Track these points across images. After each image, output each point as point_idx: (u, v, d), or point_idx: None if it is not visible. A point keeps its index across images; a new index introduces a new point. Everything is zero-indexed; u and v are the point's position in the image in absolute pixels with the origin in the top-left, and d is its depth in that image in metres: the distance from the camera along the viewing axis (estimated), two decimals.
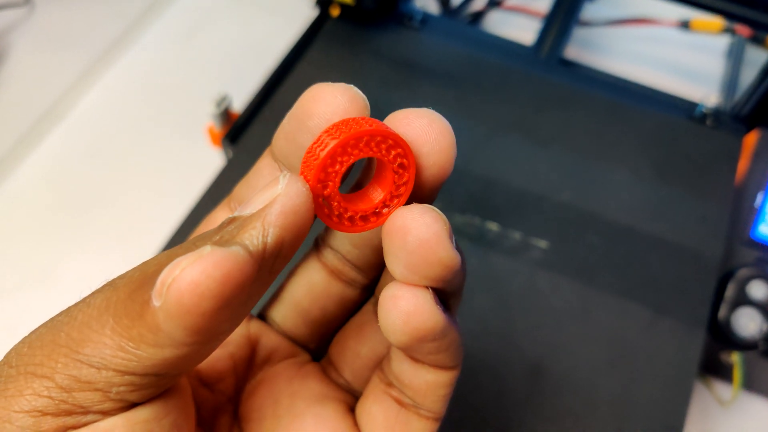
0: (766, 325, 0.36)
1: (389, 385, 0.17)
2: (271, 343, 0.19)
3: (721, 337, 0.36)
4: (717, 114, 0.41)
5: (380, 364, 0.18)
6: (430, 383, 0.16)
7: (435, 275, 0.14)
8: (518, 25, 0.54)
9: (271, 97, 0.42)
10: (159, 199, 0.45)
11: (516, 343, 0.33)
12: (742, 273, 0.36)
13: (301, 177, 0.14)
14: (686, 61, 0.53)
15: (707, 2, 0.40)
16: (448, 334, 0.15)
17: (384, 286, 0.17)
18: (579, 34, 0.54)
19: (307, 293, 0.19)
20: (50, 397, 0.12)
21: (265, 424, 0.18)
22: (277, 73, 0.43)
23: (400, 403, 0.17)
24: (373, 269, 0.18)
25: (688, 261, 0.36)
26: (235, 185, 0.18)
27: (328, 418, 0.18)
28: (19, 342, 0.14)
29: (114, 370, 0.12)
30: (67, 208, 0.45)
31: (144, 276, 0.13)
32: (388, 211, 0.15)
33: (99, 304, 0.13)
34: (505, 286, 0.35)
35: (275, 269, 0.13)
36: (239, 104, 0.42)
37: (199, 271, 0.11)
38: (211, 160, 0.45)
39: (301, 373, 0.19)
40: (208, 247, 0.12)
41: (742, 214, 0.38)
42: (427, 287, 0.14)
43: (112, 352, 0.12)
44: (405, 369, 0.16)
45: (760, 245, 0.38)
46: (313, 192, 0.14)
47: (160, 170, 0.47)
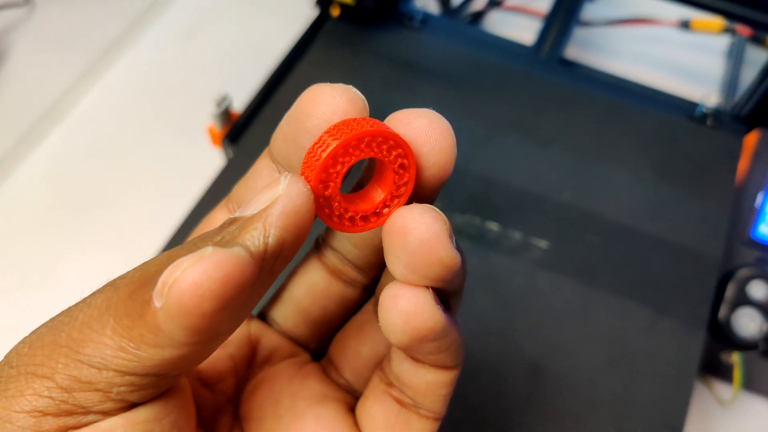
0: (766, 325, 0.36)
1: (389, 384, 0.17)
2: (271, 343, 0.19)
3: (721, 337, 0.36)
4: (717, 114, 0.41)
5: (381, 364, 0.18)
6: (430, 383, 0.16)
7: (435, 275, 0.14)
8: (518, 25, 0.54)
9: (272, 97, 0.42)
10: (159, 199, 0.45)
11: (516, 343, 0.33)
12: (743, 273, 0.36)
13: (302, 177, 0.14)
14: (686, 61, 0.53)
15: (707, 2, 0.40)
16: (448, 333, 0.15)
17: (384, 285, 0.17)
18: (579, 34, 0.54)
19: (308, 293, 0.19)
20: (51, 398, 0.12)
21: (266, 424, 0.18)
22: (278, 73, 0.43)
23: (400, 403, 0.17)
24: (374, 269, 0.18)
25: (689, 261, 0.36)
26: (235, 185, 0.18)
27: (329, 418, 0.18)
28: (20, 342, 0.14)
29: (114, 371, 0.12)
30: (67, 208, 0.45)
31: (145, 276, 0.13)
32: (389, 212, 0.15)
33: (100, 305, 0.13)
34: (506, 286, 0.35)
35: (276, 270, 0.13)
36: (239, 104, 0.42)
37: (200, 271, 0.11)
38: (212, 160, 0.45)
39: (302, 373, 0.19)
40: (209, 248, 0.12)
41: (743, 214, 0.38)
42: (427, 287, 0.14)
43: (113, 353, 0.12)
44: (405, 369, 0.16)
45: (760, 245, 0.38)
46: (314, 192, 0.14)
47: (161, 170, 0.47)
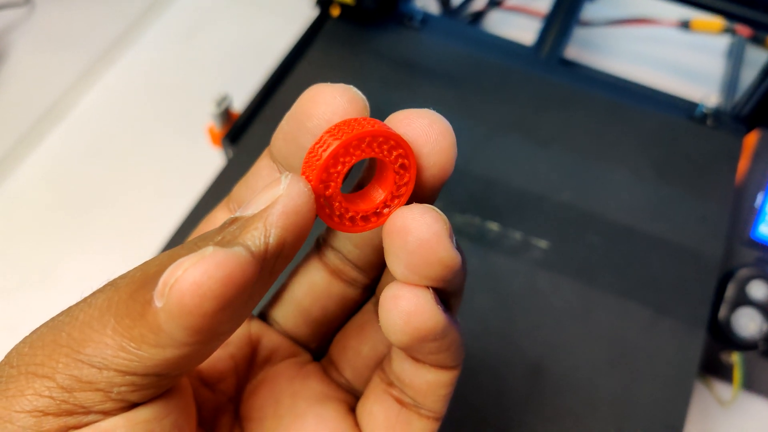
0: (766, 325, 0.36)
1: (390, 384, 0.17)
2: (272, 343, 0.19)
3: (721, 337, 0.36)
4: (717, 114, 0.41)
5: (381, 364, 0.18)
6: (430, 383, 0.16)
7: (435, 275, 0.14)
8: (518, 25, 0.54)
9: (272, 96, 0.42)
10: (159, 198, 0.45)
11: (516, 342, 0.33)
12: (743, 273, 0.36)
13: (303, 177, 0.14)
14: (686, 61, 0.53)
15: (707, 2, 0.40)
16: (448, 333, 0.15)
17: (385, 285, 0.17)
18: (579, 34, 0.54)
19: (308, 293, 0.19)
20: (51, 397, 0.12)
21: (266, 424, 0.18)
22: (278, 72, 0.43)
23: (400, 403, 0.17)
24: (374, 269, 0.18)
25: (689, 261, 0.36)
26: (235, 185, 0.18)
27: (330, 418, 0.18)
28: (20, 342, 0.14)
29: (115, 370, 0.12)
30: (67, 208, 0.45)
31: (145, 276, 0.13)
32: (389, 212, 0.15)
33: (100, 304, 0.13)
34: (506, 286, 0.35)
35: (277, 270, 0.13)
36: (239, 104, 0.42)
37: (201, 272, 0.11)
38: (212, 160, 0.45)
39: (302, 372, 0.19)
40: (210, 248, 0.12)
41: (743, 214, 0.38)
42: (427, 287, 0.14)
43: (114, 352, 0.12)
44: (406, 369, 0.16)
45: (760, 245, 0.38)
46: (314, 192, 0.14)
47: (161, 170, 0.47)
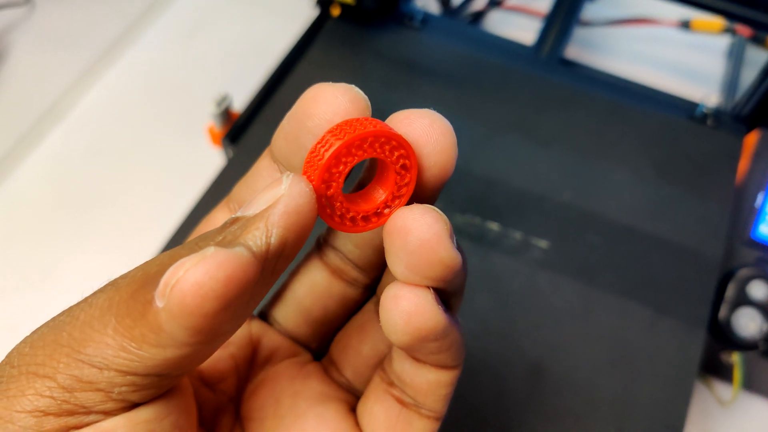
0: (767, 325, 0.36)
1: (390, 384, 0.17)
2: (272, 342, 0.19)
3: (722, 337, 0.36)
4: (717, 114, 0.41)
5: (381, 364, 0.18)
6: (431, 383, 0.16)
7: (436, 275, 0.14)
8: (519, 25, 0.54)
9: (272, 96, 0.42)
10: (159, 198, 0.45)
11: (516, 342, 0.33)
12: (743, 273, 0.36)
13: (305, 177, 0.14)
14: (687, 61, 0.53)
15: (707, 2, 0.40)
16: (449, 333, 0.15)
17: (385, 285, 0.17)
18: (579, 34, 0.54)
19: (309, 293, 0.19)
20: (52, 397, 0.12)
21: (267, 424, 0.18)
22: (278, 72, 0.43)
23: (401, 403, 0.17)
24: (375, 269, 0.18)
25: (689, 261, 0.36)
26: (235, 185, 0.18)
27: (330, 418, 0.18)
28: (21, 342, 0.14)
29: (116, 370, 0.12)
30: (67, 208, 0.45)
31: (146, 276, 0.13)
32: (390, 212, 0.15)
33: (101, 304, 0.13)
34: (506, 285, 0.35)
35: (278, 270, 0.13)
36: (240, 104, 0.42)
37: (202, 272, 0.11)
38: (212, 160, 0.45)
39: (303, 372, 0.19)
40: (211, 248, 0.12)
41: (743, 214, 0.38)
42: (428, 287, 0.14)
43: (114, 352, 0.12)
44: (406, 368, 0.16)
45: (760, 245, 0.38)
46: (316, 192, 0.14)
47: (161, 170, 0.47)
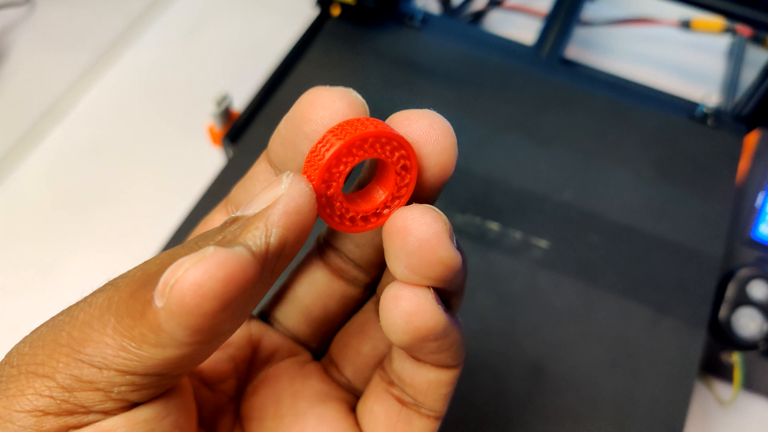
0: (767, 325, 0.36)
1: (391, 383, 0.17)
2: (272, 342, 0.19)
3: (722, 337, 0.36)
4: (718, 114, 0.41)
5: (381, 363, 0.18)
6: (431, 382, 0.16)
7: (436, 275, 0.14)
8: (519, 25, 0.54)
9: (272, 96, 0.42)
10: (159, 198, 0.45)
11: (517, 342, 0.33)
12: (743, 273, 0.36)
13: (305, 177, 0.14)
14: (687, 60, 0.53)
15: (708, 2, 0.40)
16: (449, 333, 0.15)
17: (385, 284, 0.17)
18: (580, 33, 0.54)
19: (309, 292, 0.19)
20: (52, 397, 0.12)
21: (267, 424, 0.18)
22: (278, 72, 0.43)
23: (401, 402, 0.17)
24: (375, 268, 0.18)
25: (689, 261, 0.36)
26: (234, 186, 0.18)
27: (330, 418, 0.18)
28: (20, 341, 0.14)
29: (115, 370, 0.12)
30: (67, 207, 0.45)
31: (146, 276, 0.13)
32: (389, 212, 0.15)
33: (100, 304, 0.13)
34: (506, 285, 0.35)
35: (278, 269, 0.13)
36: (240, 103, 0.42)
37: (202, 271, 0.11)
38: (212, 160, 0.45)
39: (303, 372, 0.19)
40: (211, 248, 0.12)
41: (743, 214, 0.38)
42: (428, 287, 0.14)
43: (114, 352, 0.12)
44: (406, 368, 0.16)
45: (760, 245, 0.38)
46: (316, 192, 0.14)
47: (161, 169, 0.47)
